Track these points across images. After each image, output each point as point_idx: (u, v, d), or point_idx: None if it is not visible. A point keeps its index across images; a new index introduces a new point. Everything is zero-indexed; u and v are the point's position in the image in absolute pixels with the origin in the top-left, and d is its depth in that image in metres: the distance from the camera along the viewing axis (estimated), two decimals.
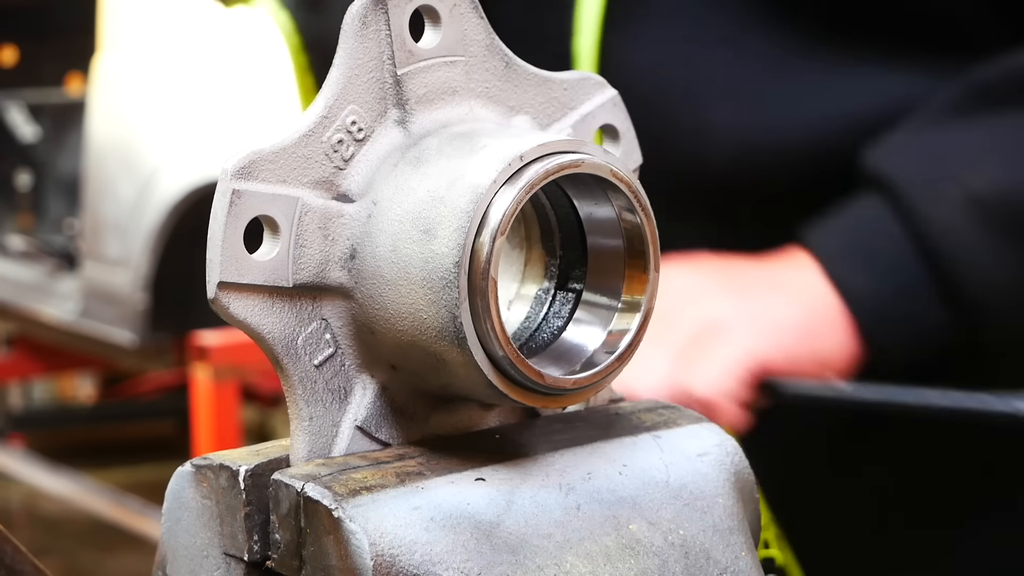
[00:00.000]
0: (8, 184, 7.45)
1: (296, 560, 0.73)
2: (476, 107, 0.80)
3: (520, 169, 0.73)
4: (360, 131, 0.77)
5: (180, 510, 0.78)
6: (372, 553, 0.70)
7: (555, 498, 0.76)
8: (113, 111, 6.11)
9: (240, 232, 0.74)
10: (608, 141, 0.86)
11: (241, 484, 0.75)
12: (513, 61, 0.82)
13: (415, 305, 0.74)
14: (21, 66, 8.18)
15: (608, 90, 0.85)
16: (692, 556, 0.77)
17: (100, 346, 6.33)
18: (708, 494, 0.80)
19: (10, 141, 7.55)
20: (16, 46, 8.22)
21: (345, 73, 0.77)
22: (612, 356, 0.77)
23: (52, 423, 7.73)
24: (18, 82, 7.90)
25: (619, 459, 0.79)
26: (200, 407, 5.06)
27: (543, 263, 0.81)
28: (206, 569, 0.77)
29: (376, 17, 0.77)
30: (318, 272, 0.76)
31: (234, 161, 0.74)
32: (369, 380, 0.78)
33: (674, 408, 0.85)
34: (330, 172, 0.77)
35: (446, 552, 0.72)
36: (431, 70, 0.79)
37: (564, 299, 0.80)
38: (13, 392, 7.79)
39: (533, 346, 0.79)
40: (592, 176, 0.75)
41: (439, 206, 0.73)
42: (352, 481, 0.73)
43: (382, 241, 0.75)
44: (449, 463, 0.76)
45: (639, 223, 0.77)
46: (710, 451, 0.82)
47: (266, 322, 0.75)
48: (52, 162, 7.49)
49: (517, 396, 0.75)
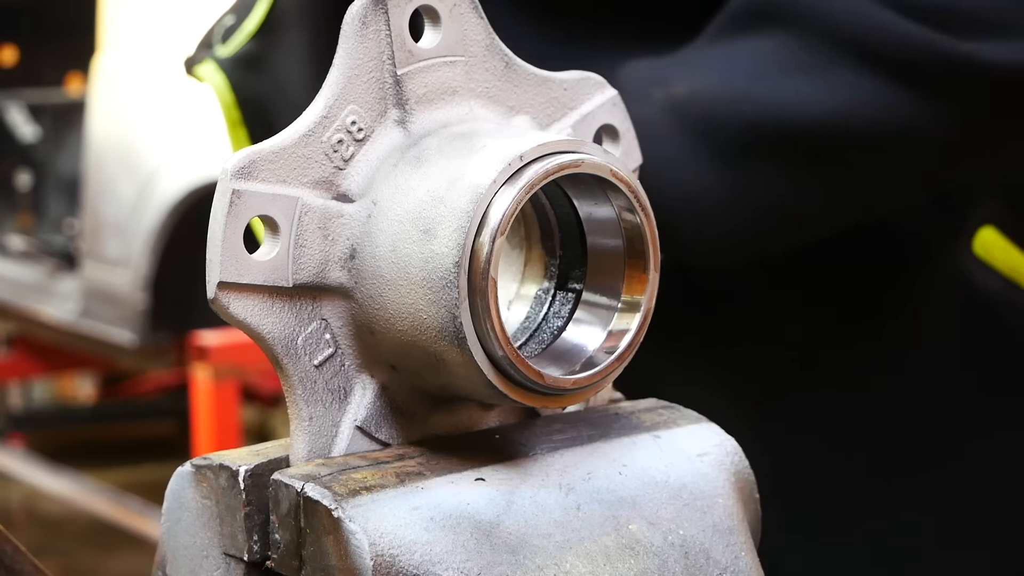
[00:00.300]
0: (8, 184, 7.45)
1: (296, 560, 0.73)
2: (476, 107, 0.80)
3: (520, 169, 0.73)
4: (360, 131, 0.77)
5: (180, 510, 0.78)
6: (372, 553, 0.70)
7: (555, 498, 0.76)
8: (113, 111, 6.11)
9: (240, 232, 0.74)
10: (608, 141, 0.86)
11: (241, 484, 0.75)
12: (513, 61, 0.82)
13: (415, 305, 0.74)
14: (21, 66, 8.18)
15: (608, 90, 0.85)
16: (692, 556, 0.77)
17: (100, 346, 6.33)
18: (708, 494, 0.80)
19: (10, 141, 7.55)
20: (16, 46, 8.22)
21: (345, 73, 0.77)
22: (612, 356, 0.77)
23: (52, 423, 7.72)
24: (18, 82, 7.90)
25: (619, 459, 0.79)
26: (200, 407, 5.06)
27: (543, 263, 0.81)
28: (206, 569, 0.77)
29: (376, 17, 0.77)
30: (318, 272, 0.76)
31: (234, 161, 0.74)
32: (369, 380, 0.78)
33: (674, 408, 0.85)
34: (330, 172, 0.77)
35: (446, 552, 0.72)
36: (431, 70, 0.79)
37: (564, 299, 0.80)
38: (13, 392, 7.79)
39: (533, 346, 0.79)
40: (592, 176, 0.75)
41: (439, 206, 0.73)
42: (352, 481, 0.73)
43: (382, 241, 0.75)
44: (449, 463, 0.76)
45: (639, 223, 0.77)
46: (710, 451, 0.82)
47: (266, 322, 0.75)
48: (52, 162, 7.49)
49: (517, 396, 0.75)
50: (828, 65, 1.12)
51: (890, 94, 1.12)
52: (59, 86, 7.95)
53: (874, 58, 1.12)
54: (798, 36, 1.14)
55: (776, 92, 1.13)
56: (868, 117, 1.13)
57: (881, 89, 1.12)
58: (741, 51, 1.16)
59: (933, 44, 1.11)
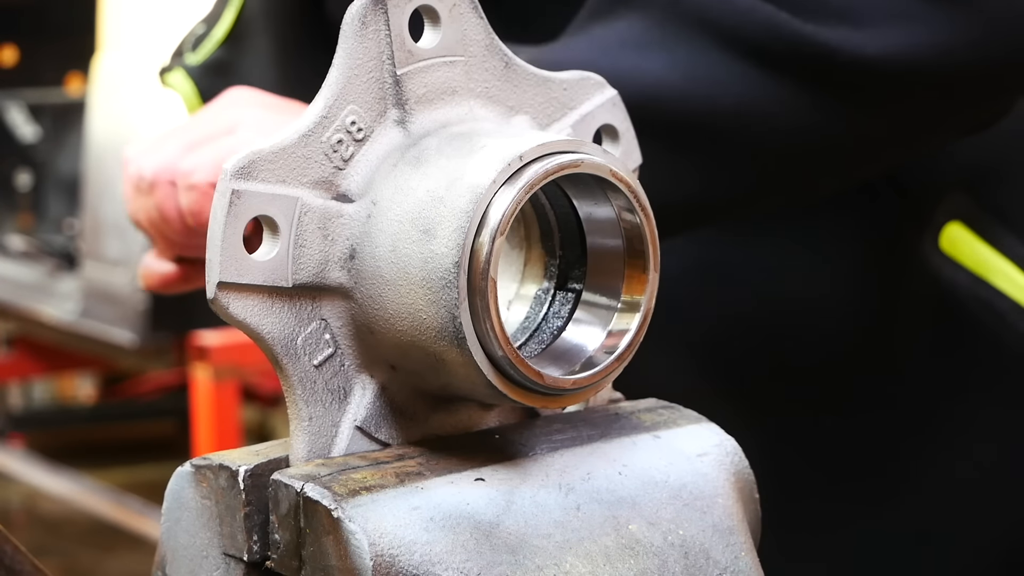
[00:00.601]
0: (8, 184, 7.44)
1: (296, 560, 0.73)
2: (476, 107, 0.80)
3: (520, 169, 0.73)
4: (360, 131, 0.77)
5: (180, 510, 0.78)
6: (372, 553, 0.70)
7: (555, 498, 0.76)
8: (113, 111, 6.10)
9: (240, 232, 0.74)
10: (608, 141, 0.86)
11: (241, 484, 0.75)
12: (513, 61, 0.82)
13: (415, 305, 0.73)
14: (21, 66, 8.17)
15: (608, 90, 0.85)
16: (692, 556, 0.77)
17: (100, 346, 6.32)
18: (708, 494, 0.80)
19: (10, 141, 7.55)
20: (16, 46, 8.22)
21: (345, 73, 0.77)
22: (612, 356, 0.77)
23: (52, 423, 7.72)
24: (18, 82, 7.89)
25: (619, 459, 0.79)
26: (200, 407, 5.06)
27: (543, 263, 0.81)
28: (206, 569, 0.77)
29: (376, 17, 0.77)
30: (318, 272, 0.76)
31: (233, 161, 0.74)
32: (369, 380, 0.78)
33: (674, 408, 0.85)
34: (330, 172, 0.77)
35: (446, 552, 0.71)
36: (431, 70, 0.79)
37: (564, 299, 0.80)
38: (13, 392, 7.78)
39: (533, 346, 0.79)
40: (592, 176, 0.75)
41: (439, 206, 0.73)
42: (352, 481, 0.73)
43: (382, 241, 0.75)
44: (449, 463, 0.76)
45: (639, 223, 0.77)
46: (710, 451, 0.82)
47: (266, 322, 0.75)
48: (52, 162, 7.48)
49: (517, 396, 0.75)
50: (673, 41, 1.11)
51: (735, 69, 1.10)
52: (59, 86, 7.94)
53: (716, 31, 1.10)
54: (645, 16, 1.12)
55: (615, 64, 1.09)
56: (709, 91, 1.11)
57: (725, 64, 1.10)
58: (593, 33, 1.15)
59: (778, 21, 1.09)
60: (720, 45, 1.11)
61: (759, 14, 1.10)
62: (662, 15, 1.12)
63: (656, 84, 1.10)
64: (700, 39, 1.11)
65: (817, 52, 1.09)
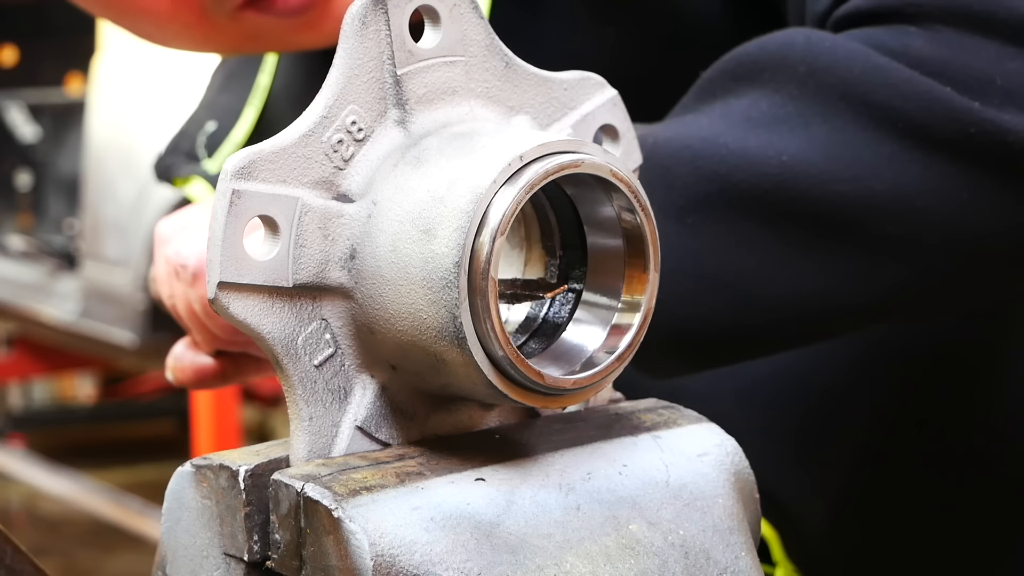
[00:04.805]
0: (8, 184, 7.45)
1: (296, 560, 0.73)
2: (476, 107, 0.80)
3: (520, 169, 0.73)
4: (360, 131, 0.77)
5: (180, 510, 0.78)
6: (372, 553, 0.70)
7: (555, 498, 0.76)
8: (113, 111, 6.10)
9: (240, 232, 0.74)
10: (608, 141, 0.86)
11: (241, 484, 0.75)
12: (513, 61, 0.82)
13: (415, 305, 0.74)
14: (21, 66, 8.18)
15: (608, 90, 0.85)
16: (692, 556, 0.77)
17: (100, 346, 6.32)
18: (708, 494, 0.80)
19: (10, 141, 7.55)
20: (16, 46, 8.22)
21: (345, 73, 0.77)
22: (612, 356, 0.77)
23: (52, 423, 7.72)
24: (18, 82, 7.89)
25: (619, 459, 0.79)
26: (200, 407, 5.07)
27: (543, 263, 0.81)
28: (206, 569, 0.77)
29: (376, 17, 0.77)
30: (318, 272, 0.76)
31: (234, 161, 0.74)
32: (369, 380, 0.78)
33: (674, 408, 0.86)
34: (330, 172, 0.77)
35: (446, 552, 0.72)
36: (431, 70, 0.79)
37: (564, 299, 0.80)
38: (13, 392, 7.79)
39: (533, 346, 0.79)
40: (592, 176, 0.75)
41: (439, 206, 0.73)
42: (352, 481, 0.73)
43: (382, 241, 0.75)
44: (449, 463, 0.76)
45: (639, 223, 0.77)
46: (710, 451, 0.82)
47: (266, 322, 0.75)
48: (52, 162, 7.49)
49: (517, 396, 0.75)
50: (811, 116, 0.98)
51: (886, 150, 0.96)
52: (59, 86, 7.95)
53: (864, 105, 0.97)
54: (776, 91, 0.99)
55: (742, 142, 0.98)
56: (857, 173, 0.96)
57: (875, 144, 0.96)
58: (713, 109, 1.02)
59: (940, 96, 0.96)
60: (869, 122, 0.97)
61: (919, 86, 0.96)
62: (797, 90, 0.99)
63: (792, 164, 0.97)
64: (844, 115, 0.97)
65: (989, 132, 0.96)
